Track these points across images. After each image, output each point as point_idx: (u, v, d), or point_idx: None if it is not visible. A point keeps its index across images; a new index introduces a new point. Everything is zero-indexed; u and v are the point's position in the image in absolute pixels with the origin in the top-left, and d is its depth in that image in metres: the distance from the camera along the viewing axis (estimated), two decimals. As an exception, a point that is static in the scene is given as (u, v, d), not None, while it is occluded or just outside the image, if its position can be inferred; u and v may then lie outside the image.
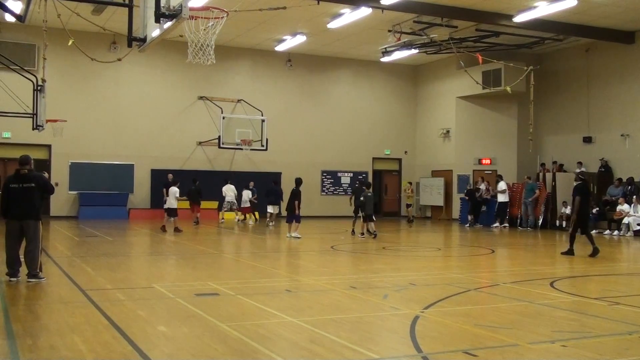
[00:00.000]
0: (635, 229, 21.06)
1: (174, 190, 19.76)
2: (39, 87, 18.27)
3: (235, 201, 23.76)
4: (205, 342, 6.32)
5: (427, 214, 31.00)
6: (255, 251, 15.31)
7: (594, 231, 22.03)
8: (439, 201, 29.80)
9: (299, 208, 18.07)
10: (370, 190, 19.41)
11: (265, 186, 23.52)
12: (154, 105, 27.17)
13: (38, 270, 9.84)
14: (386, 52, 26.91)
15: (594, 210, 22.69)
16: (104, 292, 9.11)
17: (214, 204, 26.13)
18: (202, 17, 9.39)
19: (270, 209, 22.42)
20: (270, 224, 22.30)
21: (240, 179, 25.26)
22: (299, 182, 18.75)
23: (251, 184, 24.31)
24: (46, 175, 10.90)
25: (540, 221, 23.96)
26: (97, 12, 21.49)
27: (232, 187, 23.81)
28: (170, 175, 22.09)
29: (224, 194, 23.89)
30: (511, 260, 14.97)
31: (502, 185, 24.92)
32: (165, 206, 20.20)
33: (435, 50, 26.36)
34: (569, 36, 24.38)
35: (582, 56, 26.12)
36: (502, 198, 24.85)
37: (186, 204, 22.76)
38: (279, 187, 23.39)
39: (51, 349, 5.98)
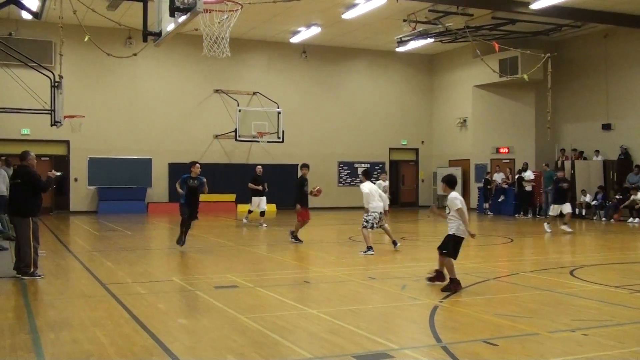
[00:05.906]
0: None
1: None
2: (56, 84, 18.37)
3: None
4: (225, 334, 6.36)
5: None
6: (273, 243, 15.34)
7: (621, 218, 21.69)
8: (457, 191, 29.61)
9: None
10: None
11: (286, 178, 23.12)
12: (170, 99, 27.26)
13: (29, 269, 9.48)
14: (401, 42, 26.72)
15: (616, 197, 22.47)
16: (124, 285, 9.18)
17: (232, 197, 26.28)
18: (216, 10, 9.40)
19: (567, 207, 18.10)
20: (567, 228, 17.73)
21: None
22: None
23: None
24: (54, 172, 10.49)
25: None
26: (113, 8, 21.57)
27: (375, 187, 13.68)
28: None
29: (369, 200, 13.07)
30: (530, 249, 14.87)
31: (530, 175, 24.24)
32: None
33: (451, 39, 26.17)
34: (586, 22, 24.03)
35: (600, 42, 25.78)
36: (528, 187, 24.05)
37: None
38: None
39: (73, 342, 6.05)
